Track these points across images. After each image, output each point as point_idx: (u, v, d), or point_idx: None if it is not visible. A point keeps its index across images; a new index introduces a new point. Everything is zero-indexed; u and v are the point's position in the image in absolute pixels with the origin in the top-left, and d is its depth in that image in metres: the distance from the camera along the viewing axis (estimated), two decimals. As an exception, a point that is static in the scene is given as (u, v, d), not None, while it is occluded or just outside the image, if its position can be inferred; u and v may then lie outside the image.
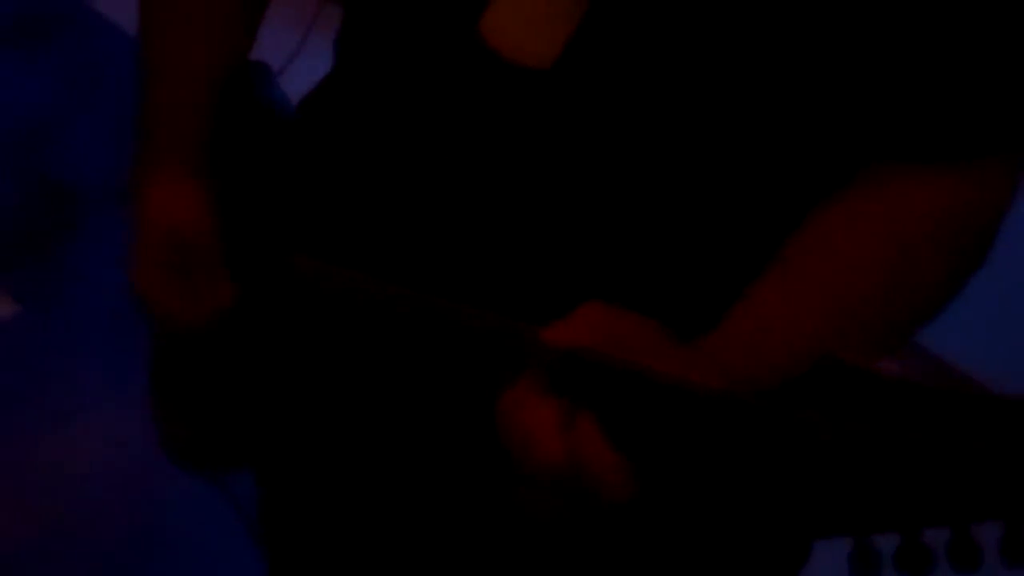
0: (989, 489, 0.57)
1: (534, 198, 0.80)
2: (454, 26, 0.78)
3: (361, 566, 0.96)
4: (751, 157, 0.80)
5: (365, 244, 0.85)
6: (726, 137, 0.79)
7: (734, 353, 0.72)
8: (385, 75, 0.87)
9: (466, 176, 0.81)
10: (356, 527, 0.95)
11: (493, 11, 0.76)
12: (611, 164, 0.79)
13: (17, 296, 2.08)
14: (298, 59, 1.11)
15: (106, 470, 1.85)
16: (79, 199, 2.26)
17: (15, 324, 2.04)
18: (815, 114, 0.78)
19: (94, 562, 1.82)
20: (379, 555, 0.95)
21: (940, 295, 0.79)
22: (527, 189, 0.80)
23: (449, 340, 0.74)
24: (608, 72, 0.76)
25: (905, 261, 0.76)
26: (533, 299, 0.74)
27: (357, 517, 0.95)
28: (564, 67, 0.75)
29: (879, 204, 0.76)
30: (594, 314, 0.70)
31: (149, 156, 0.95)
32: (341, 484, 0.94)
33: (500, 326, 0.71)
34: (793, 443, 0.60)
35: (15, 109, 2.43)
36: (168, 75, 0.95)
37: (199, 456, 0.97)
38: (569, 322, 0.69)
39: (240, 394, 0.94)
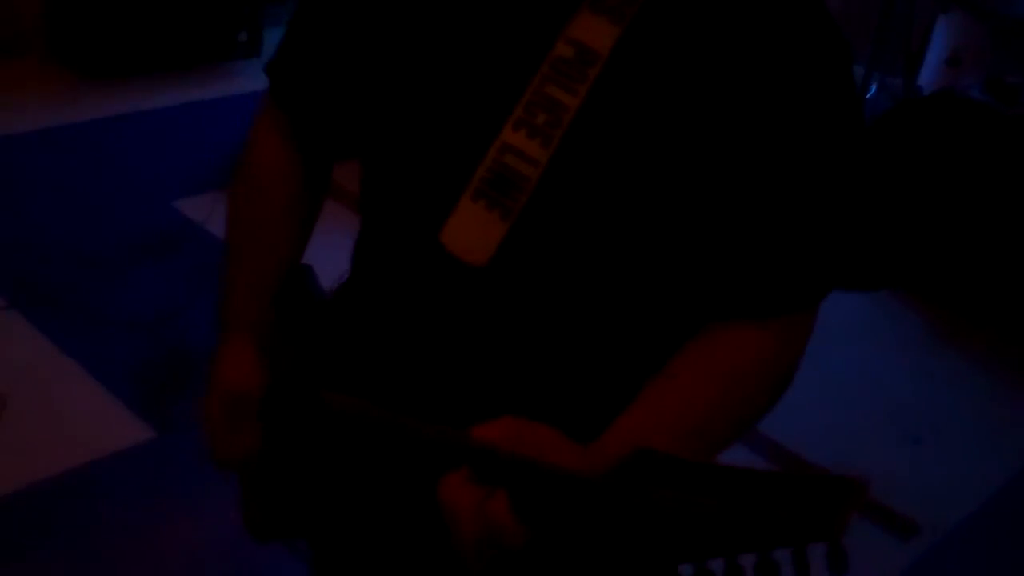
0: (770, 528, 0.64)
1: (478, 351, 0.92)
2: (425, 236, 0.89)
3: None
4: (626, 324, 0.91)
5: (372, 385, 0.94)
6: (606, 307, 0.90)
7: (614, 449, 0.79)
8: (382, 271, 0.98)
9: (433, 339, 0.93)
10: (375, 566, 1.07)
11: (449, 228, 0.87)
12: (528, 326, 0.90)
13: (154, 424, 2.39)
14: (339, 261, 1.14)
15: (220, 545, 2.10)
16: (197, 356, 2.52)
17: (153, 445, 2.33)
18: (679, 283, 0.90)
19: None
20: None
21: (758, 413, 0.90)
22: (473, 346, 0.92)
23: (413, 442, 0.82)
24: (519, 269, 0.88)
25: (735, 392, 0.87)
26: (475, 413, 0.81)
27: (371, 560, 1.07)
28: (493, 265, 0.87)
29: (717, 350, 0.87)
30: (506, 422, 0.79)
31: (223, 332, 1.02)
32: (361, 543, 1.06)
33: (443, 432, 0.79)
34: (636, 509, 0.68)
35: (153, 299, 2.79)
36: (240, 276, 1.04)
37: (268, 533, 1.05)
38: (489, 427, 0.78)
39: (288, 492, 1.02)
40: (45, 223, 3.07)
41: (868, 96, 3.54)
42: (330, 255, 1.17)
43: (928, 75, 3.33)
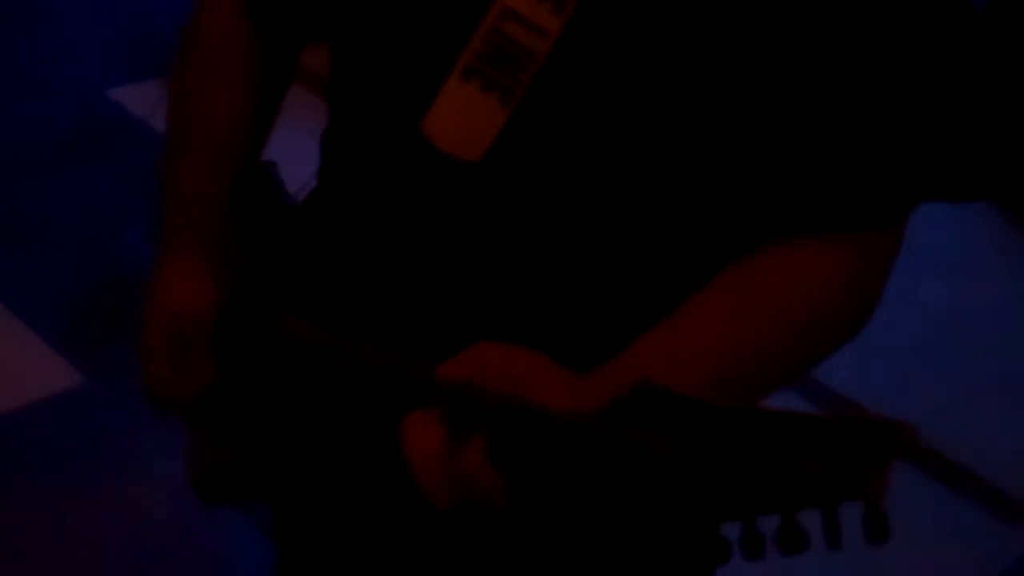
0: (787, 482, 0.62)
1: (469, 265, 0.91)
2: (403, 127, 0.87)
3: (345, 562, 1.07)
4: (653, 236, 0.89)
5: (343, 307, 0.94)
6: (627, 215, 0.87)
7: (627, 374, 0.76)
8: (355, 170, 0.97)
9: (416, 251, 0.92)
10: (341, 531, 1.05)
11: (433, 116, 0.86)
12: (530, 237, 0.89)
13: (83, 368, 2.26)
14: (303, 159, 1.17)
15: (162, 509, 2.04)
16: (137, 284, 2.45)
17: (82, 393, 2.22)
18: (723, 186, 0.86)
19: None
20: (359, 553, 1.05)
21: (825, 347, 0.87)
22: (463, 259, 0.91)
23: (377, 379, 0.81)
24: (522, 166, 0.86)
25: (797, 314, 0.84)
26: (462, 337, 0.80)
27: (341, 524, 1.04)
28: (489, 162, 0.86)
29: (777, 265, 0.84)
30: (480, 351, 0.78)
31: (166, 246, 1.00)
32: (326, 499, 1.04)
33: (411, 366, 0.78)
34: (633, 455, 0.66)
35: (85, 210, 2.63)
36: (185, 177, 1.02)
37: (219, 494, 1.04)
38: (457, 360, 0.77)
39: (243, 442, 1.01)
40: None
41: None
42: (296, 151, 1.15)
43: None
